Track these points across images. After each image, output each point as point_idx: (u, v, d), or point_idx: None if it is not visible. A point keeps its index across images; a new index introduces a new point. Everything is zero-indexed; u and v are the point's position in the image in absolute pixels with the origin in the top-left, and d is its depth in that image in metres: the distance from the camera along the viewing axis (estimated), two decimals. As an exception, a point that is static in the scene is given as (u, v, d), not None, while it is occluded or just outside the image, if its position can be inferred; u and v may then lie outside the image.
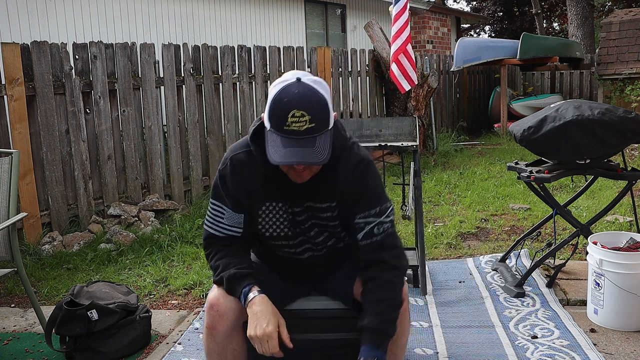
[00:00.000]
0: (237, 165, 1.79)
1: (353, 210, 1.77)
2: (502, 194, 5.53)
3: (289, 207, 1.80)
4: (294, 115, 1.55)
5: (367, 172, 1.78)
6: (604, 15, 17.22)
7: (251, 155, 1.77)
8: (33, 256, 3.89)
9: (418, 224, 3.27)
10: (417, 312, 2.97)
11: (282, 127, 1.56)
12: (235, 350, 1.83)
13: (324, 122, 1.60)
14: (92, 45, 4.45)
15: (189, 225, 4.53)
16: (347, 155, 1.78)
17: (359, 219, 1.77)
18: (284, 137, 1.57)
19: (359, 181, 1.76)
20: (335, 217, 1.81)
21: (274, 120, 1.58)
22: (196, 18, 8.04)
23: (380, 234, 1.77)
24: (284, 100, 1.56)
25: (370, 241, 1.77)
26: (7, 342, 2.81)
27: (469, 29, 23.78)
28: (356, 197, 1.76)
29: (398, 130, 3.32)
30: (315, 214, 1.81)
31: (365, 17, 11.16)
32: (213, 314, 1.79)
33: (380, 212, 1.78)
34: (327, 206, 1.79)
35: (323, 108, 1.59)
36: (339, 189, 1.76)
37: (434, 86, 7.54)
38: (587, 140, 2.87)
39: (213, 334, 1.80)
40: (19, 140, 4.01)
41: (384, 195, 1.82)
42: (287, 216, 1.81)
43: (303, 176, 1.70)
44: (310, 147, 1.57)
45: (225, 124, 5.60)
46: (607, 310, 2.72)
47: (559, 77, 10.67)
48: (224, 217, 1.82)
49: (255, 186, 1.79)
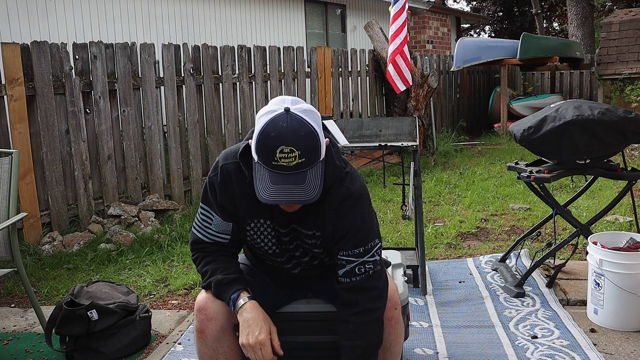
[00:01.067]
0: (226, 176, 1.73)
1: (337, 245, 1.71)
2: (502, 194, 5.53)
3: (275, 225, 1.75)
4: (283, 151, 1.48)
5: (355, 208, 1.69)
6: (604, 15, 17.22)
7: (239, 168, 1.71)
8: (33, 256, 3.89)
9: (418, 224, 3.27)
10: (417, 312, 2.97)
11: (270, 162, 1.49)
12: (227, 352, 1.81)
13: (315, 155, 1.52)
14: (92, 45, 4.45)
15: (189, 225, 4.53)
16: (336, 187, 1.68)
17: (341, 255, 1.70)
18: (272, 172, 1.51)
19: (345, 218, 1.68)
20: (319, 245, 1.76)
21: (262, 155, 1.51)
22: (196, 18, 8.04)
23: (362, 274, 1.69)
24: (272, 135, 1.48)
25: (349, 280, 1.70)
26: (7, 342, 2.81)
27: (469, 29, 23.78)
28: (341, 234, 1.69)
29: (398, 130, 3.32)
30: (300, 237, 1.76)
31: (365, 17, 11.17)
32: (202, 317, 1.76)
33: (364, 252, 1.69)
34: (312, 234, 1.74)
35: (313, 140, 1.51)
36: (325, 220, 1.69)
37: (434, 86, 7.54)
38: (587, 140, 2.87)
39: (202, 337, 1.78)
40: (19, 140, 4.01)
41: (372, 232, 1.72)
42: (274, 234, 1.77)
43: (293, 207, 1.65)
44: (301, 184, 1.51)
45: (225, 124, 5.60)
46: (607, 310, 2.72)
47: (559, 77, 10.68)
48: (212, 223, 1.78)
49: (243, 200, 1.73)
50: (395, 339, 1.82)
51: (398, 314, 1.81)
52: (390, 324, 1.79)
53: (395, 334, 1.82)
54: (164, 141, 5.16)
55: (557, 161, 3.07)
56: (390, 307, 1.78)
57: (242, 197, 1.72)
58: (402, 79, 6.28)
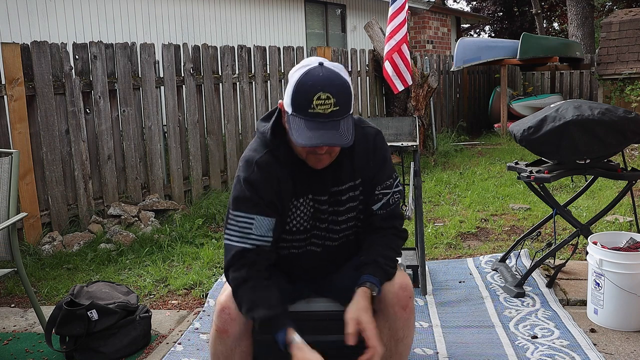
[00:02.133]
0: (265, 168, 1.74)
1: (374, 182, 1.85)
2: (502, 194, 5.53)
3: (312, 198, 1.81)
4: (320, 98, 1.56)
5: (383, 142, 1.87)
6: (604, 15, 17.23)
7: (273, 155, 1.75)
8: (33, 256, 3.89)
9: (418, 224, 3.27)
10: (417, 312, 2.97)
11: (307, 110, 1.57)
12: (243, 352, 1.81)
13: (347, 106, 1.62)
14: (92, 45, 4.45)
15: (189, 225, 4.53)
16: (360, 131, 1.82)
17: (378, 190, 1.85)
18: (308, 121, 1.58)
19: (379, 153, 1.84)
20: (356, 197, 1.85)
21: (299, 104, 1.58)
22: (196, 18, 8.04)
23: (394, 203, 1.88)
24: (309, 84, 1.57)
25: (385, 211, 1.87)
26: (7, 342, 2.81)
27: (469, 29, 23.78)
28: (376, 169, 1.84)
29: (398, 130, 3.32)
30: (337, 202, 1.83)
31: (365, 17, 11.17)
32: (225, 317, 1.74)
33: (392, 183, 1.88)
34: (350, 185, 1.83)
35: (347, 90, 1.61)
36: (359, 164, 1.82)
37: (434, 86, 7.54)
38: (587, 140, 2.87)
39: (223, 337, 1.76)
40: (19, 140, 4.01)
41: (392, 164, 1.91)
42: (310, 209, 1.82)
43: (323, 161, 1.70)
44: (336, 130, 1.58)
45: (225, 124, 5.60)
46: (607, 310, 2.72)
47: (559, 77, 10.67)
48: (252, 227, 1.72)
49: (283, 185, 1.76)
50: (407, 330, 1.83)
51: (412, 304, 1.82)
52: (405, 312, 1.80)
53: (409, 324, 1.82)
54: (164, 141, 5.16)
55: (557, 161, 3.07)
56: (406, 297, 1.80)
57: (283, 182, 1.76)
58: (400, 79, 6.28)
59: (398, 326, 1.80)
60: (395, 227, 1.89)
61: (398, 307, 1.78)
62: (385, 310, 1.80)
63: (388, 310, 1.80)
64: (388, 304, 1.79)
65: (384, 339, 1.81)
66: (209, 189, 5.41)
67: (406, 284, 1.81)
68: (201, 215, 4.79)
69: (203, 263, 3.81)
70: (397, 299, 1.78)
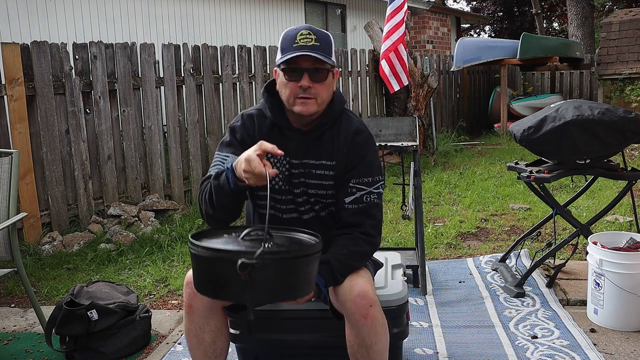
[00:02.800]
0: (247, 119, 1.93)
1: (348, 174, 1.88)
2: (502, 194, 5.53)
3: (288, 161, 1.89)
4: (302, 34, 1.77)
5: (367, 143, 1.92)
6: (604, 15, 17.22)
7: (260, 112, 1.93)
8: (33, 256, 3.89)
9: (418, 224, 3.27)
10: (417, 312, 2.97)
11: (291, 46, 1.76)
12: (213, 331, 1.81)
13: (328, 49, 1.79)
14: (92, 45, 4.45)
15: (189, 225, 4.53)
16: (348, 119, 1.93)
17: (352, 183, 1.88)
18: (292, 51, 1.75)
19: (358, 150, 1.89)
20: (330, 177, 1.89)
21: (284, 46, 1.78)
22: (196, 18, 8.04)
23: (367, 202, 1.88)
24: (293, 29, 1.80)
25: (356, 206, 1.87)
26: (7, 342, 2.81)
27: (469, 29, 23.78)
28: (353, 162, 1.88)
29: (398, 130, 3.32)
30: (310, 174, 1.89)
31: (365, 17, 11.17)
32: (189, 291, 1.79)
33: (371, 183, 1.89)
34: (324, 164, 1.89)
35: (327, 39, 1.81)
36: (338, 147, 1.89)
37: (434, 86, 7.54)
38: (587, 140, 2.87)
39: (189, 313, 1.80)
40: (19, 140, 4.01)
41: (378, 168, 1.93)
42: (284, 171, 1.89)
43: (309, 105, 1.80)
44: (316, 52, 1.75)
45: (225, 124, 5.60)
46: (607, 310, 2.72)
47: (559, 77, 10.67)
48: (226, 161, 1.86)
49: (259, 138, 1.85)
50: (374, 337, 1.79)
51: (374, 312, 1.77)
52: (367, 321, 1.76)
53: (374, 331, 1.78)
54: (164, 141, 5.16)
55: (557, 161, 3.07)
56: (365, 305, 1.76)
57: (260, 134, 1.89)
58: (396, 78, 6.29)
59: (364, 334, 1.78)
60: (364, 226, 1.86)
61: (358, 316, 1.76)
62: (349, 318, 1.79)
63: (350, 318, 1.79)
64: (348, 312, 1.78)
65: (354, 347, 1.82)
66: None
67: (365, 292, 1.76)
68: (201, 215, 4.78)
69: (203, 263, 3.80)
70: (356, 307, 1.75)
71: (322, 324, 2.00)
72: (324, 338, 2.02)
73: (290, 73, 1.78)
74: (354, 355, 1.84)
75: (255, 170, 1.60)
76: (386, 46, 6.13)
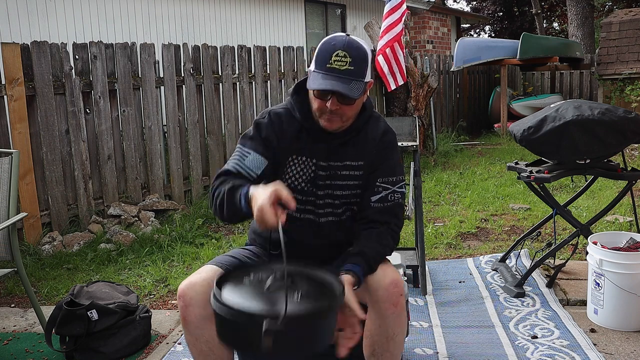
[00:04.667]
0: (274, 118, 1.93)
1: (374, 173, 1.92)
2: (502, 194, 5.53)
3: (315, 163, 1.91)
4: (338, 55, 1.75)
5: (393, 143, 1.98)
6: (604, 15, 17.22)
7: (289, 112, 1.93)
8: (33, 256, 3.89)
9: (418, 224, 3.27)
10: (417, 312, 2.97)
11: (325, 64, 1.75)
12: (208, 342, 1.81)
13: (362, 70, 1.77)
14: (92, 45, 4.45)
15: (189, 225, 4.53)
16: (376, 120, 1.96)
17: (379, 182, 1.92)
18: (324, 74, 1.75)
19: (385, 150, 1.94)
20: (357, 177, 1.92)
21: (319, 60, 1.77)
22: (196, 18, 8.04)
23: (393, 200, 1.92)
24: (332, 44, 1.77)
25: (382, 205, 1.91)
26: (7, 342, 2.81)
27: (469, 29, 23.78)
28: (380, 162, 1.92)
29: (398, 130, 3.32)
30: (336, 175, 1.91)
31: (365, 17, 11.17)
32: (181, 304, 1.79)
33: (396, 182, 1.94)
34: (352, 164, 1.91)
35: (364, 54, 1.79)
36: (366, 149, 1.92)
37: (434, 86, 7.54)
38: (587, 140, 2.87)
39: (185, 324, 1.81)
40: (19, 140, 4.01)
41: (402, 169, 1.98)
42: (311, 172, 1.91)
43: (334, 122, 1.81)
44: (346, 85, 1.74)
45: (225, 124, 5.60)
46: (607, 310, 2.72)
47: (559, 77, 10.67)
48: (246, 158, 1.88)
49: (288, 138, 1.90)
50: (399, 327, 1.83)
51: (403, 302, 1.82)
52: (396, 310, 1.79)
53: (400, 322, 1.82)
54: (164, 141, 5.16)
55: (557, 161, 3.07)
56: (397, 293, 1.79)
57: (288, 135, 1.91)
58: (393, 77, 6.31)
59: (389, 323, 1.81)
60: (388, 222, 1.91)
61: (389, 304, 1.78)
62: (376, 306, 1.81)
63: (379, 306, 1.80)
64: (379, 299, 1.80)
65: (375, 337, 1.83)
66: (209, 188, 5.40)
67: (397, 280, 1.81)
68: (201, 215, 4.79)
69: (203, 263, 3.80)
70: (389, 295, 1.78)
71: None
72: None
73: (319, 93, 1.80)
74: (372, 345, 1.85)
75: (267, 223, 1.58)
76: (382, 43, 6.14)
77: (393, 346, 1.85)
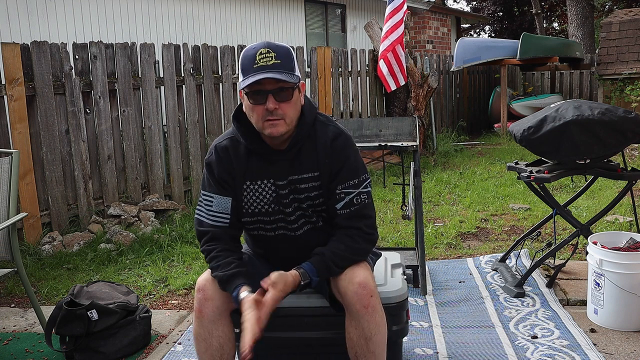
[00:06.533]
0: (221, 152, 1.91)
1: (334, 181, 1.89)
2: (502, 194, 5.53)
3: (273, 183, 1.89)
4: (261, 53, 1.73)
5: (347, 145, 1.90)
6: (604, 15, 17.22)
7: (234, 141, 1.91)
8: (33, 256, 3.89)
9: (418, 224, 3.27)
10: (417, 312, 2.97)
11: (252, 66, 1.73)
12: (220, 337, 1.84)
13: (290, 65, 1.76)
14: (92, 45, 4.45)
15: (189, 225, 4.53)
16: (324, 127, 1.90)
17: (339, 189, 1.88)
18: (253, 73, 1.72)
19: (339, 154, 1.88)
20: (316, 187, 1.89)
21: (245, 65, 1.75)
22: (196, 18, 8.04)
23: (359, 203, 1.89)
24: (252, 47, 1.76)
25: (348, 210, 1.88)
26: (7, 342, 2.81)
27: (469, 29, 23.78)
28: (336, 168, 1.88)
29: (398, 130, 3.32)
30: (297, 189, 1.89)
31: (365, 17, 11.17)
32: (200, 297, 1.83)
33: (358, 183, 1.90)
34: (309, 176, 1.88)
35: (287, 53, 1.77)
36: (318, 158, 1.88)
37: (434, 86, 7.54)
38: (587, 140, 2.87)
39: (199, 317, 1.83)
40: (19, 140, 4.01)
41: (363, 167, 1.93)
42: (272, 193, 1.90)
43: (278, 126, 1.77)
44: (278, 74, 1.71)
45: (225, 124, 5.60)
46: (607, 310, 2.72)
47: (559, 77, 10.67)
48: (212, 204, 1.91)
49: (238, 167, 1.90)
50: (375, 327, 1.82)
51: (375, 302, 1.81)
52: (367, 311, 1.79)
53: (374, 322, 1.82)
54: (164, 141, 5.16)
55: (557, 161, 3.07)
56: (366, 295, 1.79)
57: (238, 165, 1.90)
58: (393, 78, 6.31)
59: (364, 325, 1.81)
60: (359, 228, 1.88)
61: (359, 306, 1.79)
62: (349, 308, 1.82)
63: (351, 308, 1.81)
64: (349, 302, 1.81)
65: (354, 339, 1.84)
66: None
67: (366, 281, 1.80)
68: (201, 215, 4.78)
69: (203, 263, 3.81)
70: (357, 297, 1.79)
71: (322, 321, 2.01)
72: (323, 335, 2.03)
73: (254, 96, 1.75)
74: (353, 348, 1.86)
75: None
76: (384, 46, 6.15)
77: (373, 346, 1.84)
